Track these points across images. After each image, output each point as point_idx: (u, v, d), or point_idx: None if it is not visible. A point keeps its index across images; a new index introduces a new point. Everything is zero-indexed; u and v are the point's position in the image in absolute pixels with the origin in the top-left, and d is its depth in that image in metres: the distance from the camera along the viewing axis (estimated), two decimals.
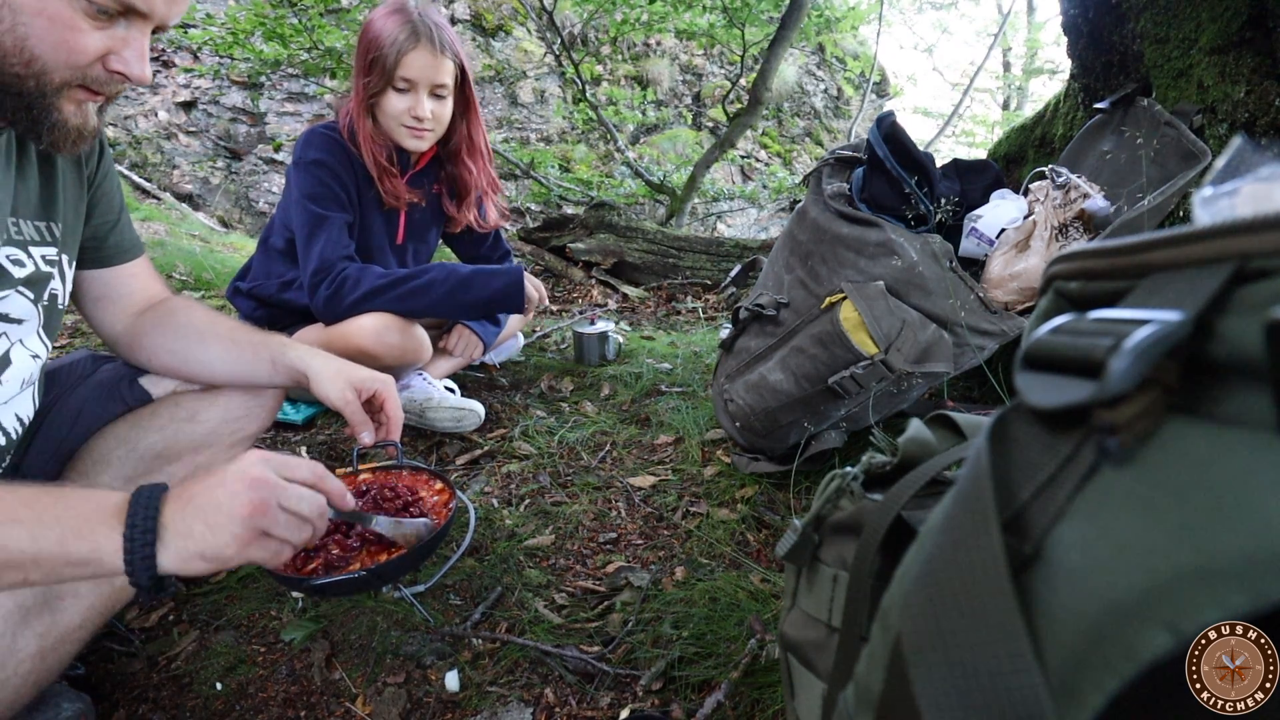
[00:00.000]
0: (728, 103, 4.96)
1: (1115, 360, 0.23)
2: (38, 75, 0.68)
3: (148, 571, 0.61)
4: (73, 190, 0.88)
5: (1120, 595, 0.20)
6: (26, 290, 0.81)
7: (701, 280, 3.18)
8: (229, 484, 0.65)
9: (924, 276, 1.12)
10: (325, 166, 1.42)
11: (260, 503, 0.64)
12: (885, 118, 1.28)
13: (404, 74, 1.36)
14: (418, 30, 1.34)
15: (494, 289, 1.45)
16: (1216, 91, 1.09)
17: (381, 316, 1.38)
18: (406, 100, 1.39)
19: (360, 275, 1.38)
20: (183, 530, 0.62)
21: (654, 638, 0.93)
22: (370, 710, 0.84)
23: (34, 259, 0.81)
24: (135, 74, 0.72)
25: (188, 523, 0.63)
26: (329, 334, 1.40)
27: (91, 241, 0.93)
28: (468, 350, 1.66)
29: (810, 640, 0.49)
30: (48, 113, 0.70)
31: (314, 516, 0.69)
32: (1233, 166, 0.29)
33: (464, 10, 6.05)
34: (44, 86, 0.68)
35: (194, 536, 0.63)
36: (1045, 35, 8.80)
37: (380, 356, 1.37)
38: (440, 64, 1.38)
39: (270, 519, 0.65)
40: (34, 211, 0.82)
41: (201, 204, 5.75)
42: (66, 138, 0.73)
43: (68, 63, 0.68)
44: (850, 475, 0.49)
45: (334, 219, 1.41)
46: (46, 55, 0.67)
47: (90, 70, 0.70)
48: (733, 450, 1.43)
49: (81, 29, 0.68)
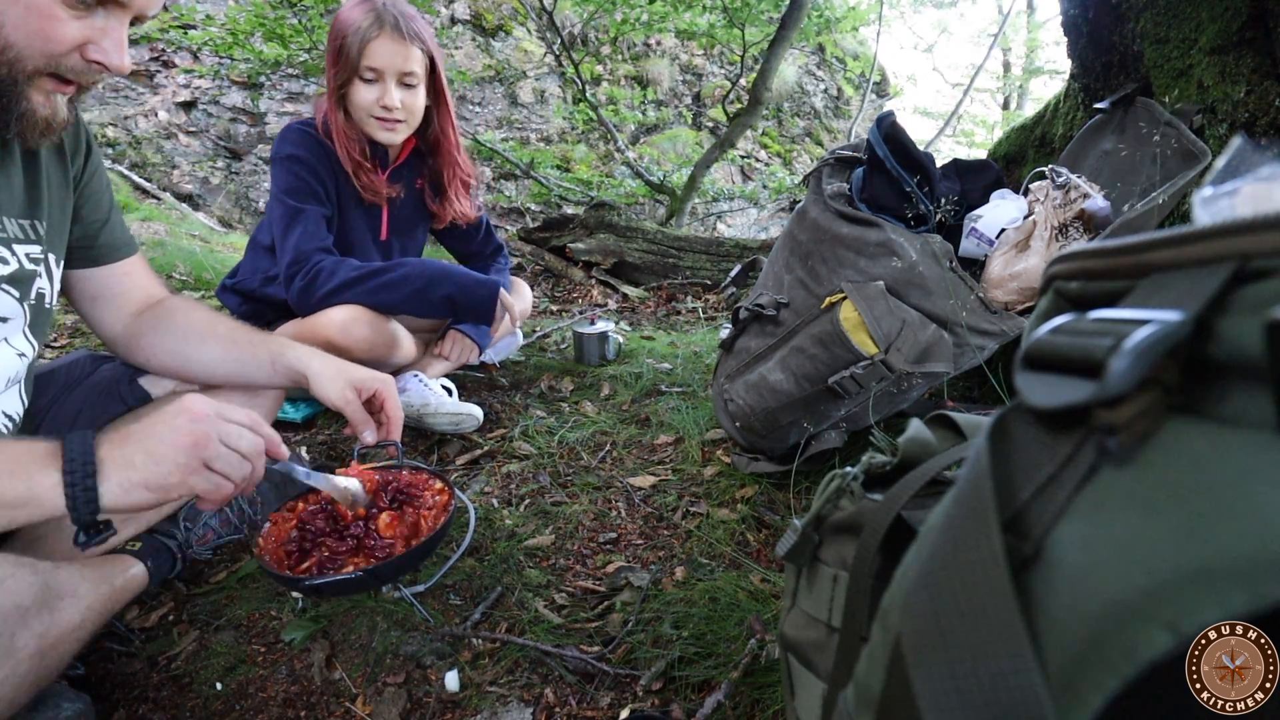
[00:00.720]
0: (728, 103, 4.96)
1: (1115, 360, 0.23)
2: (10, 63, 0.67)
3: (89, 505, 0.62)
4: (58, 189, 0.88)
5: (1120, 595, 0.20)
6: (11, 288, 0.81)
7: (701, 280, 3.18)
8: (168, 419, 0.67)
9: (924, 276, 1.12)
10: (301, 162, 1.41)
11: (202, 434, 0.67)
12: (885, 118, 1.28)
13: (369, 63, 1.35)
14: (381, 18, 1.33)
15: (466, 292, 1.43)
16: (1216, 91, 1.09)
17: (350, 309, 1.37)
18: (375, 90, 1.37)
19: (335, 267, 1.37)
20: (123, 462, 0.64)
21: (654, 638, 0.93)
22: (370, 710, 0.84)
23: (17, 256, 0.81)
24: (114, 64, 0.72)
25: (128, 455, 0.65)
26: (300, 327, 1.39)
27: (82, 240, 0.93)
28: (462, 354, 1.65)
29: (810, 640, 0.49)
30: (16, 101, 0.70)
31: (253, 455, 0.71)
32: (1233, 166, 0.29)
33: (464, 10, 6.05)
34: (15, 74, 0.68)
35: (135, 466, 0.65)
36: (1045, 35, 8.80)
37: (348, 349, 1.35)
38: (407, 51, 1.36)
39: (212, 451, 0.68)
40: (17, 209, 0.82)
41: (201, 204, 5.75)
42: (35, 128, 0.73)
43: (43, 51, 0.68)
44: (850, 475, 0.49)
45: (310, 212, 1.40)
46: (21, 43, 0.67)
47: (66, 59, 0.70)
48: (733, 450, 1.43)
49: (59, 18, 0.68)
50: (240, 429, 0.71)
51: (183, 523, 1.04)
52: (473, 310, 1.46)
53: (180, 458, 0.66)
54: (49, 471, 0.62)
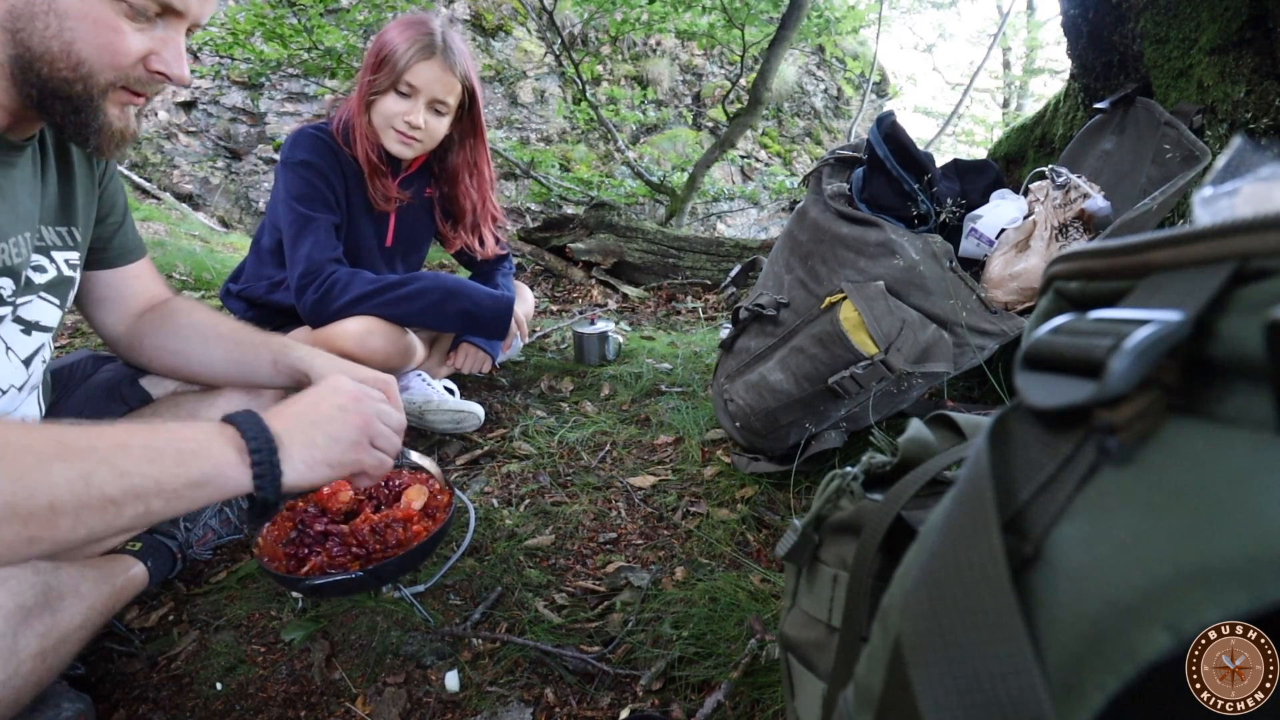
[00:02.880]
0: (728, 103, 4.96)
1: (1115, 360, 0.23)
2: (85, 79, 0.69)
3: (275, 482, 0.63)
4: (86, 195, 0.89)
5: (1120, 595, 0.20)
6: (51, 296, 0.82)
7: (701, 280, 3.18)
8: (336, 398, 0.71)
9: (924, 276, 1.12)
10: (313, 168, 1.42)
11: (369, 414, 0.72)
12: (885, 118, 1.28)
13: (410, 79, 1.37)
14: (435, 44, 1.37)
15: (481, 308, 1.48)
16: (1216, 91, 1.09)
17: (366, 320, 1.38)
18: (404, 105, 1.39)
19: (350, 279, 1.38)
20: (304, 440, 0.66)
21: (654, 638, 0.93)
22: (370, 710, 0.84)
23: (56, 264, 0.82)
24: (175, 74, 0.74)
25: (308, 434, 0.67)
26: (314, 337, 1.40)
27: (98, 243, 0.94)
28: (474, 366, 1.66)
29: (810, 640, 0.49)
30: (95, 116, 0.72)
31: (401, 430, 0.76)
32: (1233, 166, 0.29)
33: (464, 10, 6.05)
34: (91, 89, 0.70)
35: (318, 445, 0.67)
36: (1045, 35, 8.80)
37: (365, 361, 1.35)
38: (448, 81, 1.39)
39: (376, 430, 0.72)
40: (54, 217, 0.83)
41: (201, 204, 5.75)
42: (111, 140, 0.75)
43: (112, 64, 0.70)
44: (850, 475, 0.49)
45: (321, 220, 1.41)
46: (92, 58, 0.69)
47: (133, 71, 0.72)
48: (733, 450, 1.43)
49: (123, 31, 0.69)
50: (389, 408, 0.75)
51: (183, 523, 1.04)
52: (487, 326, 1.50)
53: (355, 435, 0.70)
54: (228, 449, 0.62)
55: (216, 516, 1.09)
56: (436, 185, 1.63)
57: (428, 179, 1.61)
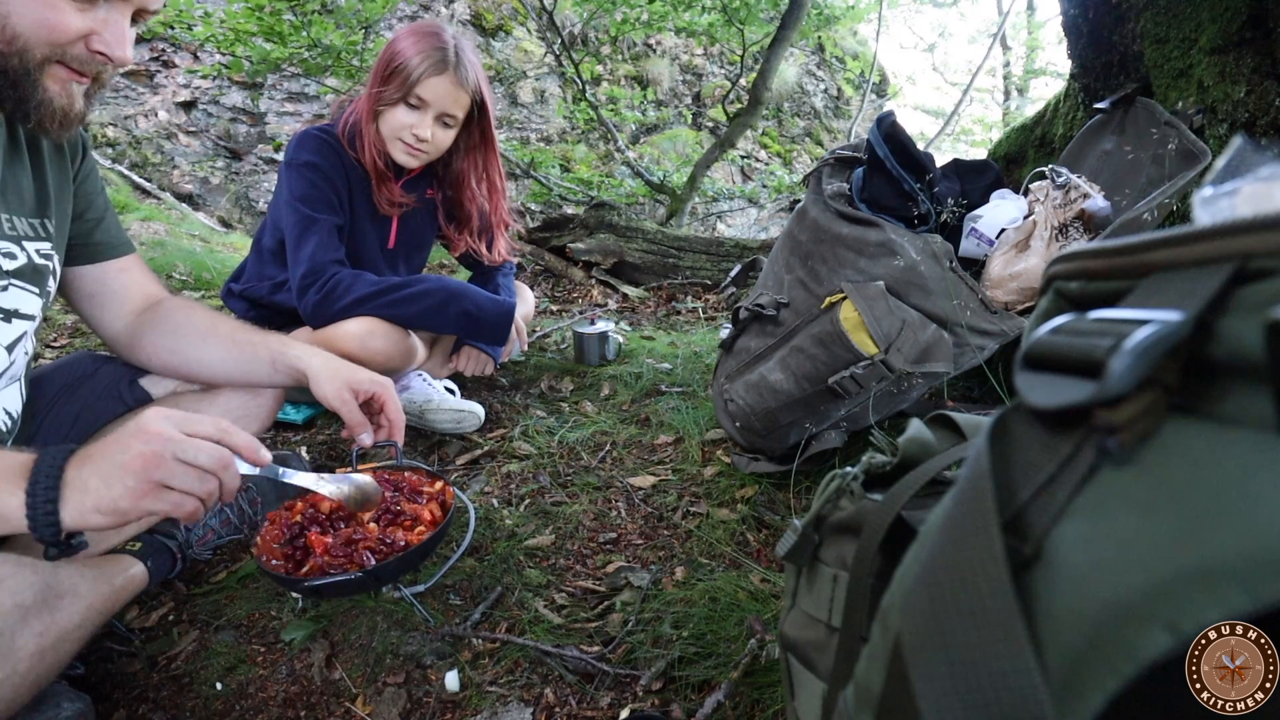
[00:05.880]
0: (728, 103, 4.96)
1: (1115, 360, 0.23)
2: (20, 53, 0.70)
3: (50, 527, 0.63)
4: (61, 188, 0.89)
5: (1120, 595, 0.20)
6: (29, 285, 0.82)
7: (701, 280, 3.18)
8: (124, 439, 0.66)
9: (924, 276, 1.12)
10: (317, 169, 1.42)
11: (152, 455, 0.65)
12: (885, 117, 1.28)
13: (421, 93, 1.37)
14: (447, 60, 1.36)
15: (482, 311, 1.48)
16: (1216, 91, 1.09)
17: (367, 321, 1.39)
18: (413, 117, 1.39)
19: (352, 281, 1.39)
20: (79, 486, 0.64)
21: (654, 638, 0.93)
22: (370, 710, 0.84)
23: (26, 251, 0.82)
24: (116, 55, 0.74)
25: (84, 478, 0.64)
26: (315, 338, 1.40)
27: (78, 238, 0.94)
28: (476, 369, 1.66)
29: (810, 640, 0.49)
30: (33, 90, 0.72)
31: (216, 469, 0.69)
32: (1233, 166, 0.29)
33: (464, 10, 6.05)
34: (27, 63, 0.70)
35: (89, 491, 0.64)
36: (1045, 35, 8.80)
37: (366, 362, 1.35)
38: (457, 96, 1.39)
39: (165, 471, 0.65)
40: (28, 209, 0.83)
41: (201, 204, 5.75)
42: (53, 117, 0.75)
43: (48, 40, 0.70)
44: (850, 475, 0.49)
45: (324, 222, 1.41)
46: (27, 32, 0.69)
47: (71, 49, 0.72)
48: (733, 450, 1.43)
49: (61, 8, 0.70)
50: (200, 443, 0.68)
51: (183, 523, 1.04)
52: (488, 330, 1.51)
53: (130, 481, 0.64)
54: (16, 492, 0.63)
55: (217, 516, 1.09)
56: (439, 188, 1.63)
57: (430, 181, 1.61)
